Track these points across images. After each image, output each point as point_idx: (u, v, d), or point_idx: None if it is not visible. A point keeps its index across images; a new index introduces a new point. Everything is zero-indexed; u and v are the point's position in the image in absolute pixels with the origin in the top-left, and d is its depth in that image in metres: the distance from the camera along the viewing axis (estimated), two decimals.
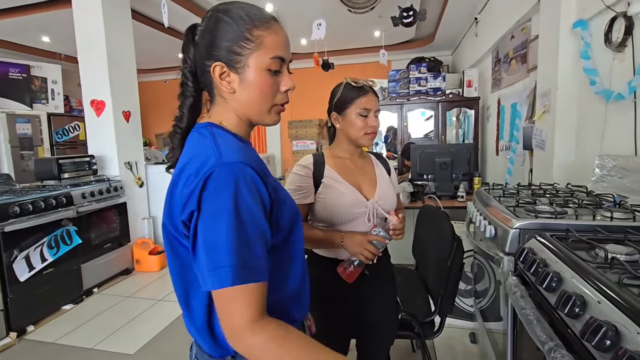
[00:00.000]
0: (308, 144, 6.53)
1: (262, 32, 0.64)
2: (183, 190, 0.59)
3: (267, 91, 0.66)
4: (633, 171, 1.32)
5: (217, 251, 0.54)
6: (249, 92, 0.66)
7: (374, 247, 1.04)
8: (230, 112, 0.69)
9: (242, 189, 0.56)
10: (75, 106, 5.68)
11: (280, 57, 0.65)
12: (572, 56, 1.84)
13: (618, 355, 0.50)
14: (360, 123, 1.13)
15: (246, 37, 0.63)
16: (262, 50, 0.64)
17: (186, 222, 0.59)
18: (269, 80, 0.65)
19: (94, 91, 3.29)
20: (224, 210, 0.55)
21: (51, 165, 2.91)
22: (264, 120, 0.70)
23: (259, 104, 0.67)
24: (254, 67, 0.64)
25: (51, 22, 4.32)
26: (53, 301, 2.61)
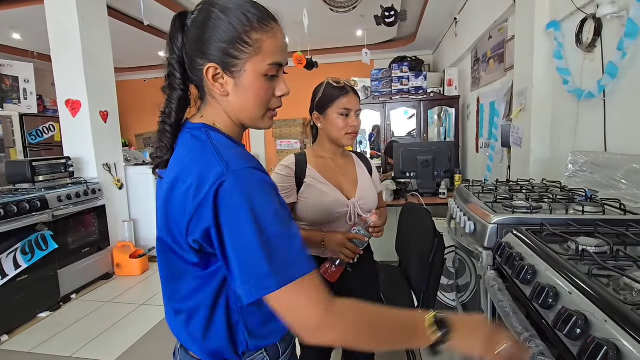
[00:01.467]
0: (292, 143, 6.51)
1: (261, 35, 0.60)
2: (186, 204, 0.55)
3: (263, 97, 0.64)
4: (603, 166, 1.38)
5: (255, 262, 0.52)
6: (243, 97, 0.63)
7: (354, 245, 1.05)
8: (222, 114, 0.65)
9: (259, 194, 0.54)
10: (49, 106, 5.48)
11: (277, 63, 0.63)
12: (546, 56, 1.90)
13: (587, 342, 0.52)
14: (341, 123, 1.14)
15: (244, 40, 0.59)
16: (260, 56, 0.60)
17: (198, 240, 0.56)
18: (264, 86, 0.63)
19: (69, 90, 3.18)
20: (246, 220, 0.52)
21: (24, 168, 2.79)
22: (257, 125, 0.67)
23: (253, 109, 0.64)
24: (251, 72, 0.61)
25: (22, 19, 4.14)
26: (28, 309, 2.51)
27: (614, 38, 1.37)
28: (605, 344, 0.50)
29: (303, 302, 0.53)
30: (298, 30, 4.32)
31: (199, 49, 0.61)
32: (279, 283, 0.52)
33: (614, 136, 1.43)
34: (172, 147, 0.64)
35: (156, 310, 2.57)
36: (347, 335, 0.55)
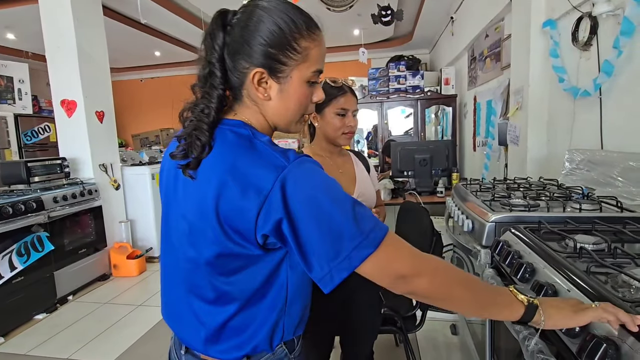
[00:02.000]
0: (290, 143, 6.50)
1: (309, 43, 0.61)
2: (248, 200, 0.54)
3: (304, 103, 0.65)
4: (599, 164, 1.38)
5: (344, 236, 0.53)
6: (286, 102, 0.63)
7: None
8: (259, 115, 0.65)
9: (321, 177, 0.56)
10: (44, 106, 5.44)
11: (320, 70, 0.64)
12: (542, 55, 1.91)
13: (586, 340, 0.52)
14: (338, 123, 1.13)
15: (293, 47, 0.60)
16: (307, 63, 0.62)
17: (268, 234, 0.55)
18: (307, 93, 0.64)
19: (64, 90, 3.15)
20: (323, 202, 0.54)
21: (19, 169, 2.77)
22: (290, 129, 0.68)
23: (292, 114, 0.65)
24: (297, 79, 0.62)
25: (16, 18, 4.11)
26: (25, 311, 2.49)
27: (610, 36, 1.37)
28: (604, 341, 0.50)
29: (396, 255, 0.56)
30: None
31: (244, 52, 0.60)
32: (374, 244, 0.54)
33: (610, 134, 1.44)
34: (210, 146, 0.60)
35: (154, 311, 2.55)
36: (435, 280, 0.57)
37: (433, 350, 1.97)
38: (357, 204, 0.57)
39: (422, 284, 0.56)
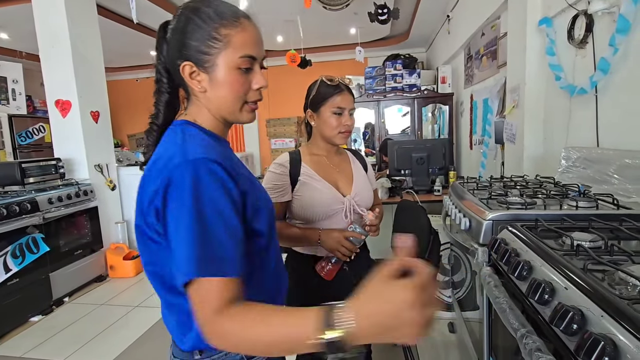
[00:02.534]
0: (287, 142, 6.49)
1: (230, 30, 0.63)
2: (148, 188, 0.59)
3: (238, 89, 0.66)
4: (596, 162, 1.39)
5: (184, 247, 0.54)
6: (219, 91, 0.65)
7: (351, 243, 1.04)
8: (204, 110, 0.68)
9: (205, 185, 0.56)
10: (39, 107, 5.40)
11: (249, 55, 0.65)
12: (538, 52, 1.91)
13: (584, 338, 0.52)
14: (334, 121, 1.13)
15: (214, 37, 0.63)
16: (230, 49, 0.63)
17: (154, 221, 0.59)
18: (239, 79, 0.65)
19: (59, 91, 3.12)
20: (186, 206, 0.55)
21: (13, 170, 2.74)
22: (237, 119, 0.69)
23: (230, 102, 0.67)
24: (223, 66, 0.64)
25: (9, 18, 4.06)
26: (20, 313, 2.47)
27: (606, 34, 1.38)
28: (602, 339, 0.49)
29: (206, 297, 0.53)
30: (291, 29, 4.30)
31: (178, 51, 0.65)
32: (201, 273, 0.53)
33: (606, 132, 1.44)
34: (156, 145, 0.68)
35: (151, 312, 2.54)
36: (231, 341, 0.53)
37: (431, 348, 1.97)
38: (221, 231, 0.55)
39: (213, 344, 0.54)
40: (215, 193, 0.56)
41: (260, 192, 0.72)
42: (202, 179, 0.56)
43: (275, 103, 7.05)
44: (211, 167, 0.57)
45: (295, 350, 0.54)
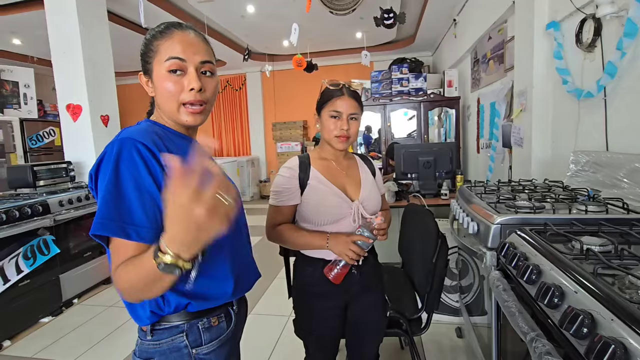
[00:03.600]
0: (292, 146, 6.52)
1: (159, 41, 0.74)
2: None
3: (171, 90, 0.73)
4: (605, 166, 1.38)
5: (101, 207, 0.63)
6: (158, 93, 0.75)
7: (359, 247, 1.04)
8: (160, 112, 0.78)
9: (124, 158, 0.64)
10: (49, 111, 5.49)
11: (175, 57, 0.72)
12: (546, 56, 1.91)
13: (594, 341, 0.52)
14: (331, 125, 1.12)
15: (149, 48, 0.75)
16: (159, 56, 0.73)
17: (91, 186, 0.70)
18: (170, 80, 0.73)
19: (70, 95, 3.18)
20: (107, 174, 0.64)
21: (25, 173, 2.80)
22: (178, 119, 0.76)
23: (165, 102, 0.75)
24: (157, 71, 0.74)
25: (22, 24, 4.16)
26: (31, 314, 2.50)
27: (615, 38, 1.37)
28: (612, 342, 0.50)
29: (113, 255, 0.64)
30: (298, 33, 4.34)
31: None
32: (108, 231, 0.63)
33: (615, 135, 1.44)
34: None
35: None
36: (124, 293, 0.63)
37: (439, 354, 1.96)
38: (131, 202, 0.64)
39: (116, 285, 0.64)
40: (132, 166, 0.64)
41: None
42: (123, 153, 0.64)
43: (281, 107, 7.10)
44: (133, 144, 0.65)
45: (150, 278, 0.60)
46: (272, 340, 2.15)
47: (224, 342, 0.79)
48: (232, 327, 0.82)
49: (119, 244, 0.63)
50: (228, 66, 6.58)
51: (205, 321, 0.76)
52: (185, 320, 0.74)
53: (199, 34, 0.77)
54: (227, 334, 0.80)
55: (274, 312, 2.48)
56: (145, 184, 0.64)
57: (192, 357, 0.74)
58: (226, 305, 0.81)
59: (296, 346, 1.35)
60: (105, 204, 0.63)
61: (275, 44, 5.82)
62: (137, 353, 0.75)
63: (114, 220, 0.62)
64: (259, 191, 6.92)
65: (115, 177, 0.63)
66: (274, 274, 3.11)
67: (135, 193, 0.64)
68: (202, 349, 0.75)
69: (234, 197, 0.54)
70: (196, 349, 0.74)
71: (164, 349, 0.73)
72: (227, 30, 5.07)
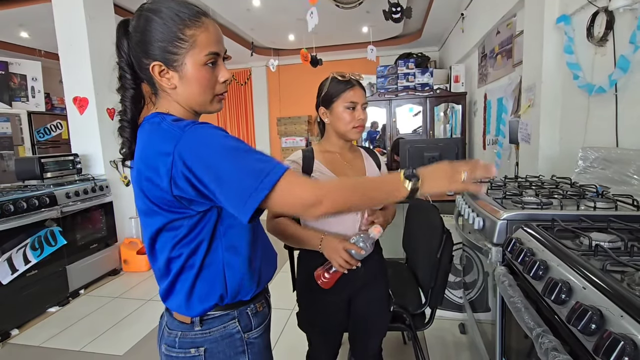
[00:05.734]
0: (297, 141, 6.51)
1: (194, 31, 0.67)
2: (159, 167, 0.63)
3: (207, 85, 0.70)
4: (615, 162, 1.36)
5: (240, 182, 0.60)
6: (189, 87, 0.70)
7: (350, 256, 0.99)
8: (174, 104, 0.73)
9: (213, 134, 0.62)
10: (57, 104, 5.53)
11: (214, 52, 0.69)
12: (556, 51, 1.87)
13: (603, 337, 0.51)
14: (348, 116, 1.13)
15: (180, 37, 0.66)
16: (196, 49, 0.67)
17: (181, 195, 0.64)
18: (206, 75, 0.70)
19: (77, 88, 3.20)
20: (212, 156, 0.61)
21: (33, 165, 2.82)
22: (207, 110, 0.74)
23: (200, 96, 0.71)
24: (192, 64, 0.68)
25: (30, 17, 4.18)
26: (38, 304, 2.54)
27: (628, 32, 1.34)
28: (622, 338, 0.49)
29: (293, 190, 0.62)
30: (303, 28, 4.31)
31: (143, 50, 0.68)
32: (268, 187, 0.59)
33: (626, 131, 1.41)
34: (133, 139, 0.73)
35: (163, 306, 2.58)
36: (335, 202, 0.64)
37: (442, 349, 1.96)
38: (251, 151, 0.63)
39: (325, 208, 0.62)
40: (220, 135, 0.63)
41: None
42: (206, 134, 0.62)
43: (286, 102, 7.08)
44: (205, 125, 0.64)
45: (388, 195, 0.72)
46: (276, 333, 2.17)
47: (267, 327, 0.84)
48: (270, 313, 0.87)
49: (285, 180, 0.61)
50: (233, 61, 6.56)
51: (253, 307, 0.79)
52: (235, 308, 0.77)
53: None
54: (269, 318, 0.86)
55: (278, 305, 2.49)
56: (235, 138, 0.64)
57: (244, 341, 0.76)
58: (263, 292, 0.85)
59: (300, 339, 1.36)
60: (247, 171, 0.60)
61: (280, 39, 5.79)
62: (178, 344, 0.74)
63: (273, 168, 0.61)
64: None
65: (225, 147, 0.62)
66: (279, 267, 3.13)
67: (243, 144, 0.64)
68: (253, 334, 0.78)
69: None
70: (247, 334, 0.77)
71: (216, 337, 0.74)
72: (233, 24, 5.05)
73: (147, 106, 0.77)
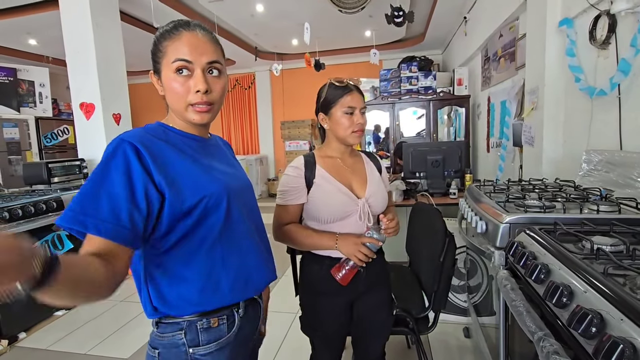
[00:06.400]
0: (301, 144, 6.54)
1: (167, 42, 0.75)
2: None
3: (178, 90, 0.74)
4: (618, 165, 1.35)
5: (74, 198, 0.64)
6: (167, 92, 0.76)
7: (368, 249, 1.05)
8: (171, 112, 0.80)
9: (109, 157, 0.66)
10: (63, 109, 5.61)
11: (181, 59, 0.73)
12: (558, 54, 1.87)
13: (603, 341, 0.52)
14: (347, 122, 1.14)
15: (159, 49, 0.76)
16: (168, 57, 0.74)
17: None
18: (176, 83, 0.74)
19: (83, 94, 3.25)
20: (93, 172, 0.66)
21: (40, 170, 2.87)
22: (185, 118, 0.77)
23: (174, 102, 0.76)
24: (165, 71, 0.75)
25: (38, 25, 4.26)
26: (45, 307, 2.57)
27: (630, 35, 1.34)
28: (621, 342, 0.49)
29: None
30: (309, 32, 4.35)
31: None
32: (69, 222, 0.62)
33: (629, 134, 1.41)
34: None
35: None
36: None
37: (446, 353, 1.95)
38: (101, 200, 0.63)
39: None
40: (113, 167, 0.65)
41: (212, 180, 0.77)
42: (110, 154, 0.66)
43: (289, 105, 7.12)
44: (122, 145, 0.67)
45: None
46: (279, 337, 2.17)
47: (224, 346, 0.78)
48: (234, 331, 0.79)
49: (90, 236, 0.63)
50: (237, 65, 6.62)
51: (205, 321, 0.75)
52: (184, 319, 0.75)
53: (207, 33, 0.77)
54: (228, 337, 0.78)
55: (281, 309, 2.50)
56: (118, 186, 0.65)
57: (189, 355, 0.74)
58: (230, 307, 0.79)
59: (303, 344, 1.36)
60: (81, 197, 0.64)
61: (284, 43, 5.84)
62: (150, 342, 0.78)
63: (82, 214, 0.63)
64: (267, 189, 6.96)
65: (97, 177, 0.65)
66: (282, 271, 3.13)
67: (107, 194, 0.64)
68: (199, 350, 0.74)
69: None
70: (193, 349, 0.74)
71: (166, 343, 0.75)
72: (237, 30, 5.11)
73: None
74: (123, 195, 0.64)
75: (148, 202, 0.66)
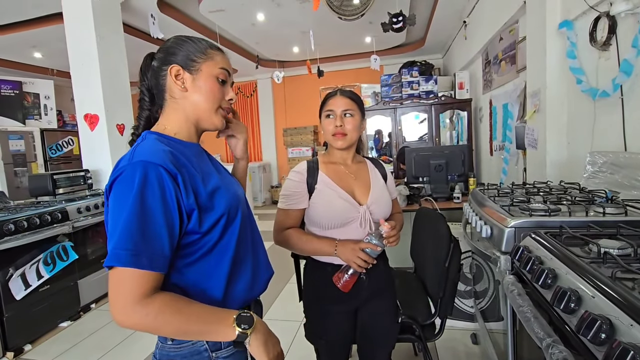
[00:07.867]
0: (303, 151, 6.55)
1: (214, 51, 0.81)
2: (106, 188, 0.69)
3: (214, 95, 0.79)
4: (623, 166, 1.34)
5: (116, 236, 0.62)
6: (199, 92, 0.77)
7: (367, 255, 1.03)
8: (177, 114, 0.79)
9: (142, 185, 0.63)
10: (68, 121, 5.67)
11: (226, 69, 0.81)
12: (559, 56, 1.87)
13: (612, 347, 0.50)
14: (328, 125, 1.16)
15: (202, 52, 0.79)
16: (213, 62, 0.79)
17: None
18: (217, 86, 0.79)
19: (88, 105, 3.28)
20: (124, 202, 0.63)
21: (45, 181, 2.89)
22: (210, 119, 0.80)
23: (207, 103, 0.78)
24: (206, 72, 0.78)
25: (42, 38, 4.33)
26: (50, 319, 2.57)
27: (630, 35, 1.34)
28: (632, 348, 0.48)
29: (127, 286, 0.62)
30: (307, 40, 4.38)
31: (163, 61, 0.78)
32: (125, 263, 0.61)
33: (634, 135, 1.39)
34: None
35: None
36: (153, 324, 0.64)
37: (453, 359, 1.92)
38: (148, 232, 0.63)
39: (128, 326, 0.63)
40: (149, 193, 0.64)
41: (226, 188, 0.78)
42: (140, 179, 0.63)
43: (291, 112, 7.15)
44: (151, 168, 0.65)
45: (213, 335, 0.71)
46: (285, 346, 2.14)
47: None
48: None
49: (135, 273, 0.62)
50: (239, 73, 6.68)
51: None
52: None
53: None
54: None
55: (286, 317, 2.48)
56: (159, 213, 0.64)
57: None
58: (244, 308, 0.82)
59: (308, 352, 1.35)
60: (124, 234, 0.61)
61: (285, 51, 5.89)
62: (158, 356, 0.77)
63: (136, 254, 0.62)
64: (271, 196, 6.96)
65: (133, 206, 0.62)
66: (287, 278, 3.12)
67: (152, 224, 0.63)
68: (222, 353, 0.76)
69: None
70: (216, 353, 0.75)
71: (185, 353, 0.75)
72: (238, 39, 5.16)
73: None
74: (163, 226, 0.65)
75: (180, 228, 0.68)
